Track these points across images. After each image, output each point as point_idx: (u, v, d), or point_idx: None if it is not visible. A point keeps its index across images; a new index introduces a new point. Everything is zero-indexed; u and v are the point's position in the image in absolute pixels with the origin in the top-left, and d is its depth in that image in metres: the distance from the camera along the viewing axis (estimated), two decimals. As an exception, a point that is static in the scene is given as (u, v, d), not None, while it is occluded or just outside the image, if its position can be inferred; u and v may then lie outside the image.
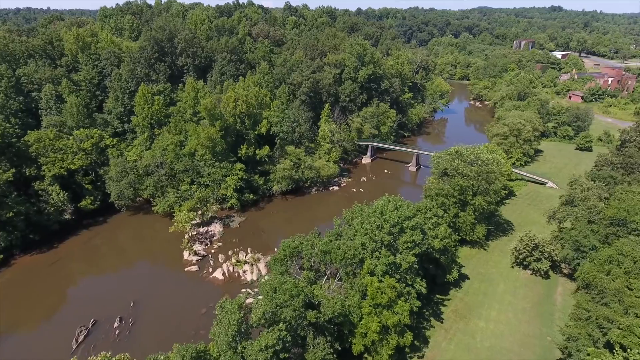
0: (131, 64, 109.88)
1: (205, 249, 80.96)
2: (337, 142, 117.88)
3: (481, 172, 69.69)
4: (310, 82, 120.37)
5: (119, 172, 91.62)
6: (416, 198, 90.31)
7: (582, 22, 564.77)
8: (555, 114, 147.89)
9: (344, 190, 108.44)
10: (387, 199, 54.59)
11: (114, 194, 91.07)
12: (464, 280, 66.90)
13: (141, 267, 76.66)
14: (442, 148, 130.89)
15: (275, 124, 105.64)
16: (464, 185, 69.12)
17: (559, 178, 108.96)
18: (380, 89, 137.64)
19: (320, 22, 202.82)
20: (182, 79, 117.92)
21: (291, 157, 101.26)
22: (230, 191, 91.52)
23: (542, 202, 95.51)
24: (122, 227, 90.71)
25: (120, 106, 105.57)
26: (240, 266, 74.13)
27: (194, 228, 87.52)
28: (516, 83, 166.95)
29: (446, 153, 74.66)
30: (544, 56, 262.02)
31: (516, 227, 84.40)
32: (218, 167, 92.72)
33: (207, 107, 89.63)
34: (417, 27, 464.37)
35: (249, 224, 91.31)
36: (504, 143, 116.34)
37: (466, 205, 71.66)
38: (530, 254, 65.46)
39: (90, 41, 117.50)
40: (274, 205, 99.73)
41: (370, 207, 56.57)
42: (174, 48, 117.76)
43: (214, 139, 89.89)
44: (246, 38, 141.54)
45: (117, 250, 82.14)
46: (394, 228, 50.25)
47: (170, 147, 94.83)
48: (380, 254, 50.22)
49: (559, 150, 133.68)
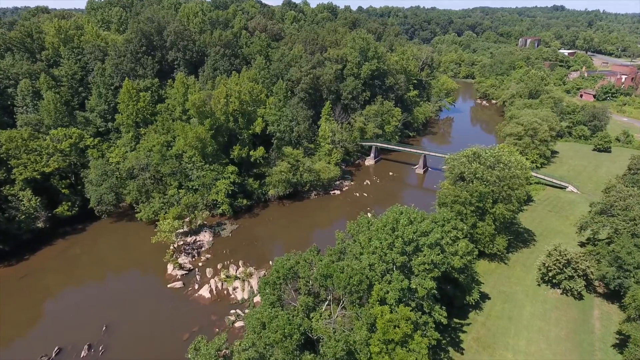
0: (116, 58, 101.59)
1: (192, 262, 72.61)
2: (339, 142, 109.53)
3: (503, 176, 61.24)
4: (310, 78, 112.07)
5: (99, 176, 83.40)
6: (424, 203, 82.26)
7: (586, 21, 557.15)
8: (569, 113, 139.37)
9: (346, 195, 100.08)
10: (398, 210, 46.20)
11: (94, 199, 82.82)
12: (485, 301, 58.50)
13: (119, 283, 68.22)
14: (449, 149, 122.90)
15: (271, 122, 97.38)
16: (483, 191, 60.75)
17: (578, 181, 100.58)
18: (385, 86, 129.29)
19: (320, 18, 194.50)
20: (173, 74, 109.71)
21: (289, 159, 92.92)
22: (221, 196, 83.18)
23: (564, 209, 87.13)
24: (102, 235, 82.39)
25: (103, 103, 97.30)
26: (230, 282, 65.76)
27: (180, 237, 79.26)
28: (527, 80, 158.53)
29: (462, 155, 66.22)
30: (551, 54, 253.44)
31: (538, 237, 75.99)
32: (208, 170, 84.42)
33: (196, 104, 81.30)
34: (420, 25, 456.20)
35: (241, 232, 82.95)
36: (518, 143, 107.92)
37: (485, 214, 63.32)
38: (561, 271, 57.05)
39: (74, 34, 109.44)
40: (270, 212, 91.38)
41: (379, 219, 48.18)
42: (164, 41, 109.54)
43: (203, 139, 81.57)
44: (242, 32, 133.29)
45: (94, 263, 73.73)
46: (408, 246, 41.93)
47: (156, 147, 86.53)
48: (392, 277, 41.86)
49: (576, 151, 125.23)
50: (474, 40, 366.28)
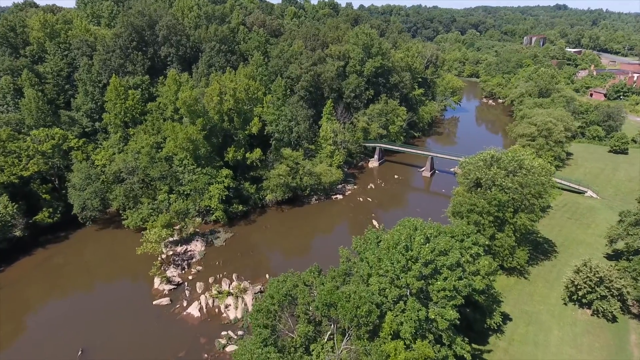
0: (104, 54, 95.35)
1: (182, 275, 66.41)
2: (341, 143, 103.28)
3: (527, 183, 54.92)
4: (310, 75, 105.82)
5: (83, 180, 77.20)
6: (433, 209, 76.32)
7: (589, 20, 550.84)
8: (582, 113, 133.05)
9: (348, 200, 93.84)
10: (411, 225, 39.94)
11: (77, 205, 76.62)
12: (506, 323, 52.24)
13: (100, 299, 62.01)
14: (456, 150, 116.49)
15: (269, 122, 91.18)
16: (503, 200, 54.49)
17: (597, 185, 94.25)
18: (389, 84, 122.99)
19: (321, 14, 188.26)
20: (166, 71, 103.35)
21: (288, 162, 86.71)
22: (214, 202, 76.95)
23: (584, 216, 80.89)
24: (86, 244, 76.30)
25: (90, 102, 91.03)
26: (221, 299, 59.52)
27: (170, 247, 73.12)
28: (536, 79, 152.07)
29: (479, 159, 59.89)
30: (559, 52, 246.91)
31: (559, 247, 69.73)
32: (200, 173, 78.19)
33: (187, 102, 75.06)
34: (422, 23, 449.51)
35: (236, 241, 76.75)
36: (531, 145, 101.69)
37: (504, 224, 57.07)
38: (592, 290, 50.84)
39: (61, 28, 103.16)
40: (267, 218, 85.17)
41: (389, 233, 41.93)
42: (155, 36, 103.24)
43: (194, 141, 75.33)
44: (240, 27, 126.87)
45: (74, 275, 67.60)
46: (425, 268, 35.72)
47: (144, 149, 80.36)
48: (407, 305, 35.66)
49: (590, 152, 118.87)
50: (478, 38, 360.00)
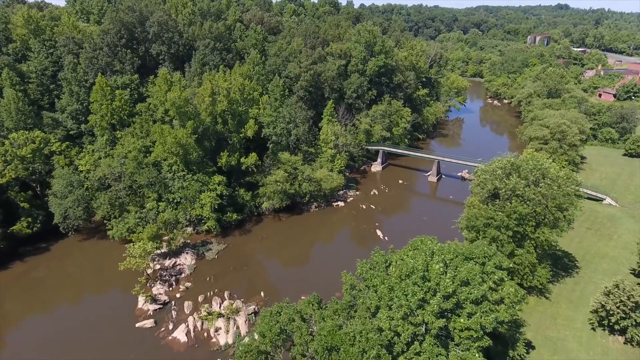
0: (90, 52, 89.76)
1: (169, 292, 60.77)
2: (343, 147, 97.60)
3: (552, 195, 49.27)
4: (310, 74, 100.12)
5: (64, 187, 71.61)
6: (441, 217, 71.05)
7: (592, 19, 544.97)
8: (594, 114, 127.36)
9: (350, 207, 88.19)
10: (427, 249, 34.27)
11: (58, 214, 71.06)
12: (529, 351, 46.55)
13: (78, 320, 56.27)
14: (462, 152, 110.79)
15: (266, 124, 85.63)
16: (523, 213, 48.86)
17: (615, 192, 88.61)
18: (393, 84, 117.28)
19: (322, 12, 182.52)
20: (158, 70, 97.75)
21: (285, 167, 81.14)
22: (206, 211, 71.32)
23: (605, 226, 75.24)
24: (68, 257, 70.72)
25: (75, 103, 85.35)
26: (211, 321, 53.89)
27: (157, 260, 67.52)
28: (544, 78, 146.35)
29: (496, 166, 54.16)
30: (565, 51, 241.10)
31: (580, 262, 64.07)
32: (191, 180, 72.57)
33: (176, 104, 69.41)
34: (423, 23, 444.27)
35: (230, 253, 71.10)
36: (544, 148, 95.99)
37: (524, 239, 51.45)
38: (627, 315, 45.24)
39: (46, 25, 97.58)
40: (264, 227, 79.53)
41: (398, 255, 36.26)
42: (147, 33, 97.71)
43: (184, 145, 69.69)
44: (236, 24, 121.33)
45: (52, 292, 61.93)
46: (446, 302, 30.14)
47: (131, 154, 74.76)
48: (423, 347, 30.06)
49: (604, 156, 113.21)
50: (480, 37, 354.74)
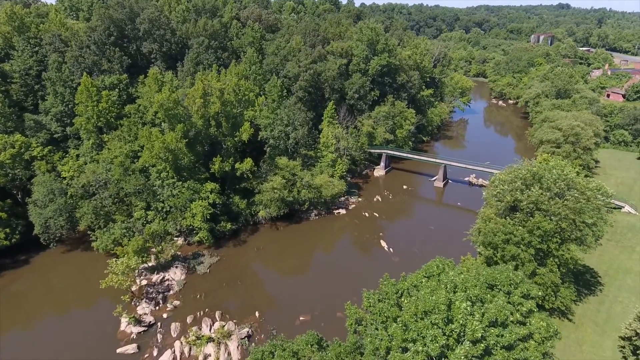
0: (76, 50, 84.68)
1: (155, 312, 55.64)
2: (344, 150, 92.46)
3: (581, 209, 44.09)
4: (310, 74, 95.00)
5: (45, 195, 66.52)
6: (449, 226, 66.03)
7: (595, 19, 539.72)
8: (606, 115, 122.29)
9: (352, 215, 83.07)
10: (447, 280, 29.04)
11: (38, 224, 65.93)
12: (554, 385, 41.54)
13: (52, 344, 51.09)
14: (468, 155, 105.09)
15: (263, 127, 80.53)
16: (548, 229, 43.71)
17: (633, 199, 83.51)
18: (396, 84, 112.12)
19: (322, 10, 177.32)
20: (149, 70, 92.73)
21: (283, 173, 76.09)
22: (197, 221, 66.16)
23: (625, 236, 70.10)
24: (48, 270, 65.53)
25: (60, 104, 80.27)
26: (200, 346, 48.80)
27: (144, 274, 62.40)
28: (552, 78, 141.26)
29: (515, 175, 48.95)
30: (570, 50, 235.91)
31: (603, 277, 58.98)
32: (181, 188, 67.43)
33: (164, 105, 64.26)
34: (425, 22, 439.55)
35: (223, 266, 65.95)
36: (556, 152, 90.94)
37: (547, 257, 46.31)
38: (666, 346, 40.24)
39: (31, 22, 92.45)
40: (260, 237, 74.39)
41: (414, 284, 31.11)
42: (137, 31, 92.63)
43: (173, 150, 64.55)
44: (233, 22, 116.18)
45: (28, 311, 56.77)
46: (474, 347, 25.04)
47: (117, 159, 69.65)
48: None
49: (618, 160, 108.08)
50: (483, 37, 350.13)
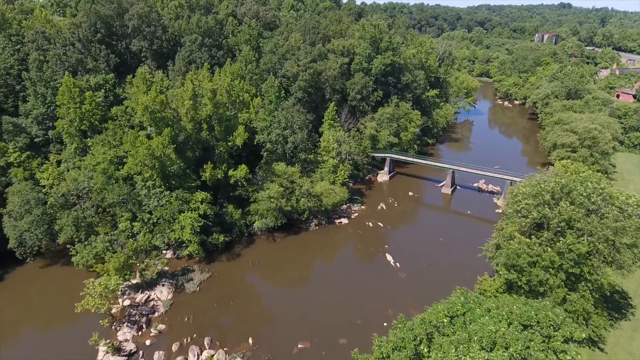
0: (59, 48, 79.12)
1: (137, 338, 50.05)
2: (346, 155, 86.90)
3: (623, 229, 38.44)
4: (309, 73, 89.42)
5: (20, 205, 60.92)
6: (461, 237, 60.59)
7: (597, 18, 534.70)
8: (621, 117, 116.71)
9: (355, 224, 77.46)
10: (478, 329, 23.49)
11: (13, 237, 60.39)
12: None
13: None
14: (477, 159, 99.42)
15: (260, 130, 74.96)
16: (583, 251, 38.10)
17: (656, 207, 77.76)
18: (400, 84, 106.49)
19: (322, 7, 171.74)
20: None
21: (281, 180, 70.51)
22: (187, 234, 60.56)
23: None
24: (24, 288, 59.93)
25: (41, 106, 74.69)
26: (185, 381, 43.24)
27: (127, 294, 56.84)
28: (562, 78, 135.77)
29: (541, 188, 43.25)
30: (577, 49, 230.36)
31: (634, 299, 53.38)
32: (169, 197, 61.82)
33: (150, 108, 58.63)
34: (426, 21, 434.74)
35: (214, 284, 60.34)
36: (572, 157, 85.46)
37: (579, 281, 40.73)
38: None
39: (13, 18, 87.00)
40: (255, 250, 68.76)
41: (434, 327, 25.54)
42: (126, 27, 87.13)
43: (160, 157, 58.95)
44: (229, 19, 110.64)
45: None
46: None
47: (100, 166, 64.07)
48: None
49: (634, 164, 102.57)
50: (485, 36, 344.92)
